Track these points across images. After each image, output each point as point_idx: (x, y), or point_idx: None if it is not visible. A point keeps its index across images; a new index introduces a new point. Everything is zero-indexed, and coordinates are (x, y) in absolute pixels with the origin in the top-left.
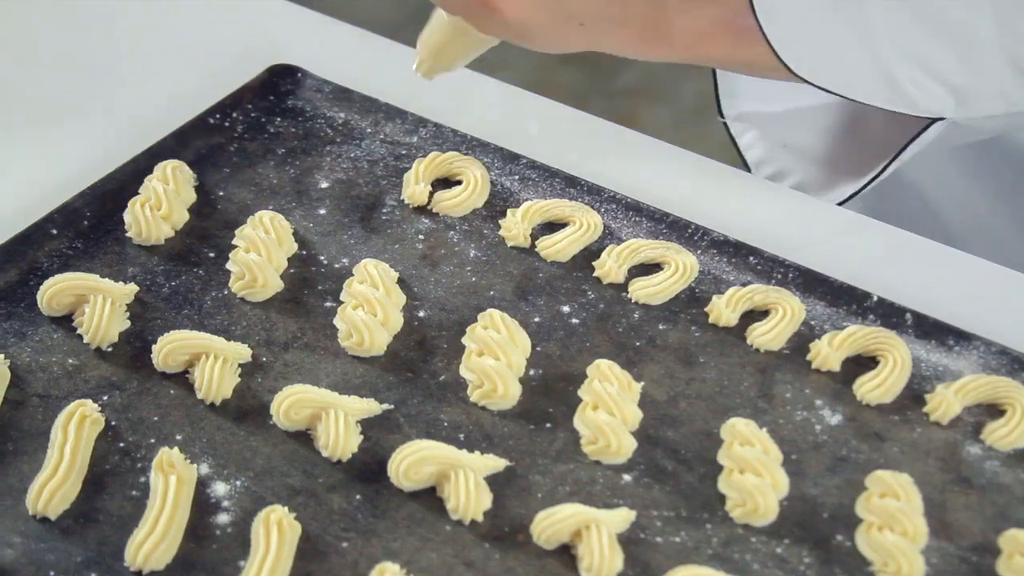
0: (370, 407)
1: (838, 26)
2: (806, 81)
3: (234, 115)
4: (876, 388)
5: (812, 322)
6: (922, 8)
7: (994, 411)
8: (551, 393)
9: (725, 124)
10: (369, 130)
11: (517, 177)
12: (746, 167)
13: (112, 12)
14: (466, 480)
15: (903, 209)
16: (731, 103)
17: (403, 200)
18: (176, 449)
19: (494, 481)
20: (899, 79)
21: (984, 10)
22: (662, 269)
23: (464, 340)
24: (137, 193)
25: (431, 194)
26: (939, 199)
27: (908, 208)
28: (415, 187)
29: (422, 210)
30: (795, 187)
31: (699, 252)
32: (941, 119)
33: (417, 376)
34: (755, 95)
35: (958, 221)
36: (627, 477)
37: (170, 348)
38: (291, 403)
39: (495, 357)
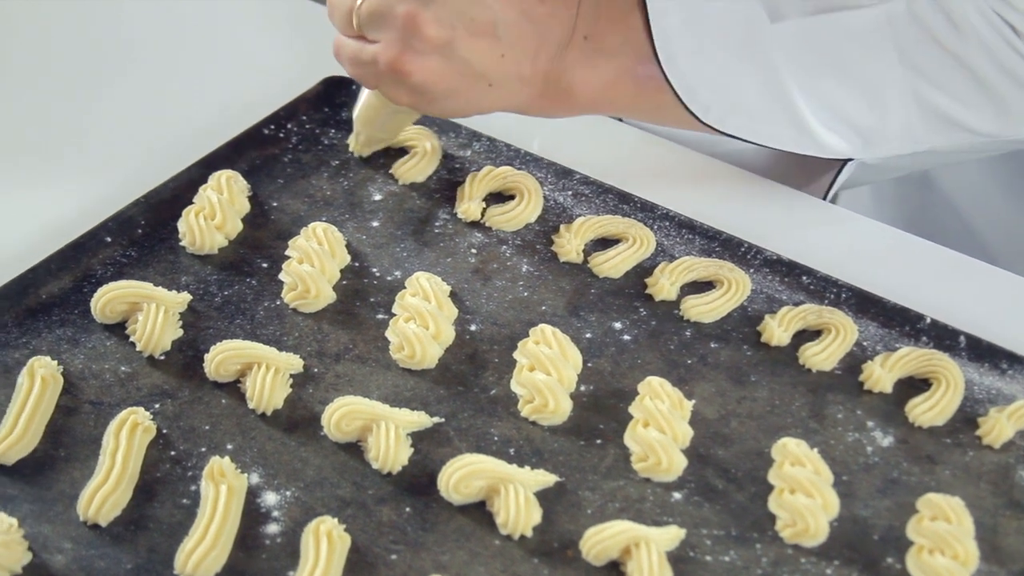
0: (420, 420)
1: (743, 72)
2: (713, 129)
3: (289, 126)
4: (929, 410)
5: (864, 343)
6: (826, 50)
7: None
8: (602, 409)
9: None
10: None
11: (570, 192)
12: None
13: (170, 23)
14: (516, 495)
15: (938, 224)
16: None
17: (456, 214)
18: (227, 458)
19: (544, 496)
20: (806, 122)
21: (887, 49)
22: (715, 287)
23: (515, 355)
24: (191, 202)
25: (484, 208)
26: (975, 213)
27: (943, 222)
28: (468, 203)
29: (475, 224)
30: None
31: (752, 271)
32: (849, 160)
33: (468, 390)
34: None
35: (994, 235)
36: (677, 495)
37: (222, 357)
38: (342, 414)
39: (546, 372)
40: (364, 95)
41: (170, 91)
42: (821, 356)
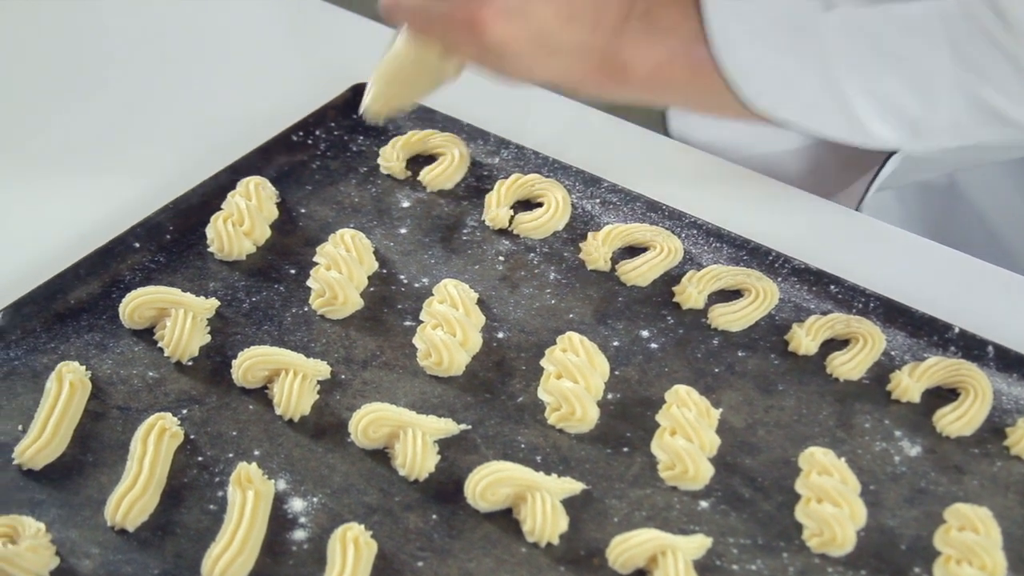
0: (448, 427)
1: (797, 62)
2: (767, 117)
3: (317, 133)
4: (956, 420)
5: (892, 352)
6: (879, 41)
7: None
8: (629, 417)
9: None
10: None
11: (598, 200)
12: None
13: (200, 31)
14: (543, 502)
15: (964, 234)
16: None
17: (484, 221)
18: (254, 464)
19: (570, 504)
20: (856, 112)
21: (939, 41)
22: (742, 296)
23: (543, 362)
24: (220, 208)
25: (512, 216)
26: (1000, 222)
27: (968, 232)
28: (496, 210)
29: (503, 231)
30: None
31: (780, 279)
32: (895, 153)
33: (495, 397)
34: (706, 143)
35: (1020, 243)
36: (704, 504)
37: (250, 363)
38: (369, 421)
39: (573, 380)
40: (393, 51)
41: (199, 98)
42: (849, 365)
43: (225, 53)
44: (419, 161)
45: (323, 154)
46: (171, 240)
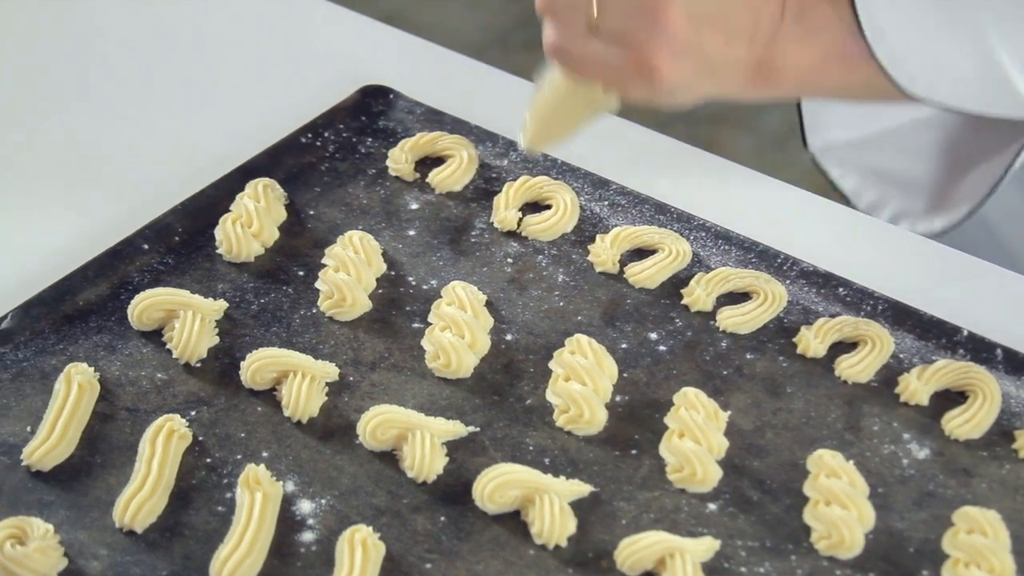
0: (456, 429)
1: (949, 38)
2: (920, 99)
3: (326, 135)
4: (965, 423)
5: (901, 355)
6: None
7: None
8: (637, 420)
9: (814, 160)
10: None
11: (607, 203)
12: (844, 198)
13: (208, 31)
14: (551, 505)
15: (967, 238)
16: (817, 136)
17: (492, 223)
18: (262, 466)
19: (579, 506)
20: (1015, 84)
21: None
22: (751, 298)
23: (551, 364)
24: (228, 210)
25: (520, 218)
26: (1002, 221)
27: (971, 235)
28: (505, 212)
29: (511, 233)
30: (894, 216)
31: (788, 282)
32: None
33: (503, 399)
34: (841, 123)
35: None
36: (712, 506)
37: (258, 365)
38: (377, 423)
39: (582, 382)
40: (547, 88)
41: (209, 99)
42: (857, 368)
43: (234, 55)
44: (428, 163)
45: (332, 156)
46: (180, 242)
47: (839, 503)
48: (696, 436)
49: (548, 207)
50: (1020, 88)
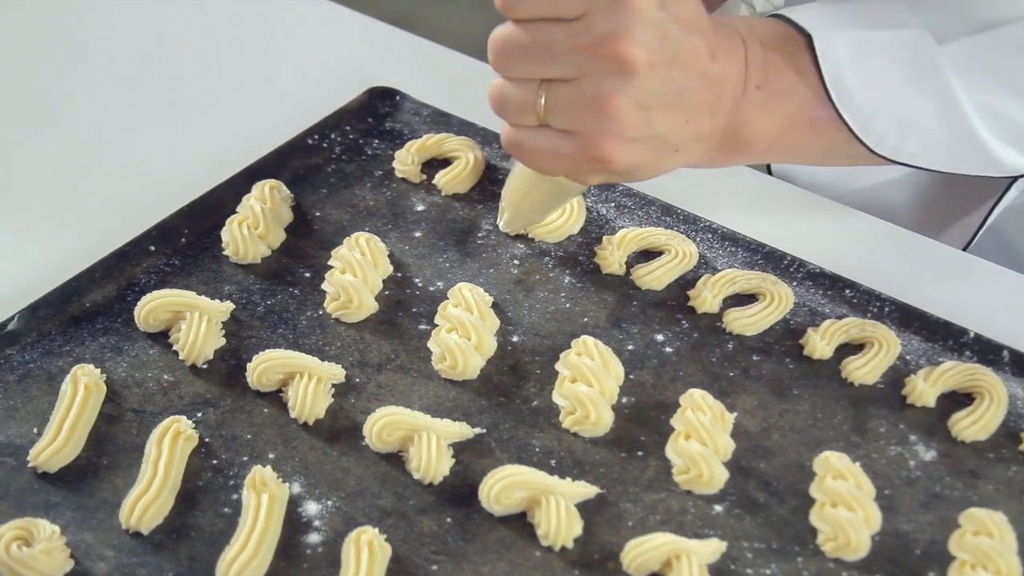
0: (462, 431)
1: (916, 98)
2: (890, 160)
3: (332, 136)
4: (972, 425)
5: (907, 357)
6: (996, 65)
7: None
8: (643, 421)
9: None
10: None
11: (613, 204)
12: None
13: (214, 33)
14: (557, 506)
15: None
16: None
17: (499, 224)
18: (269, 467)
19: (585, 508)
20: (983, 141)
21: None
22: (757, 300)
23: (557, 366)
24: (235, 212)
25: None
26: (1008, 224)
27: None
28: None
29: (517, 235)
30: None
31: (795, 284)
32: (1016, 180)
33: (510, 401)
34: (809, 185)
35: None
36: (718, 508)
37: (265, 367)
38: (383, 425)
39: (588, 384)
40: (518, 176)
41: (215, 101)
42: (864, 370)
43: (241, 57)
44: (434, 165)
45: (338, 158)
46: (186, 243)
47: (845, 505)
48: (702, 438)
49: None
50: (989, 146)
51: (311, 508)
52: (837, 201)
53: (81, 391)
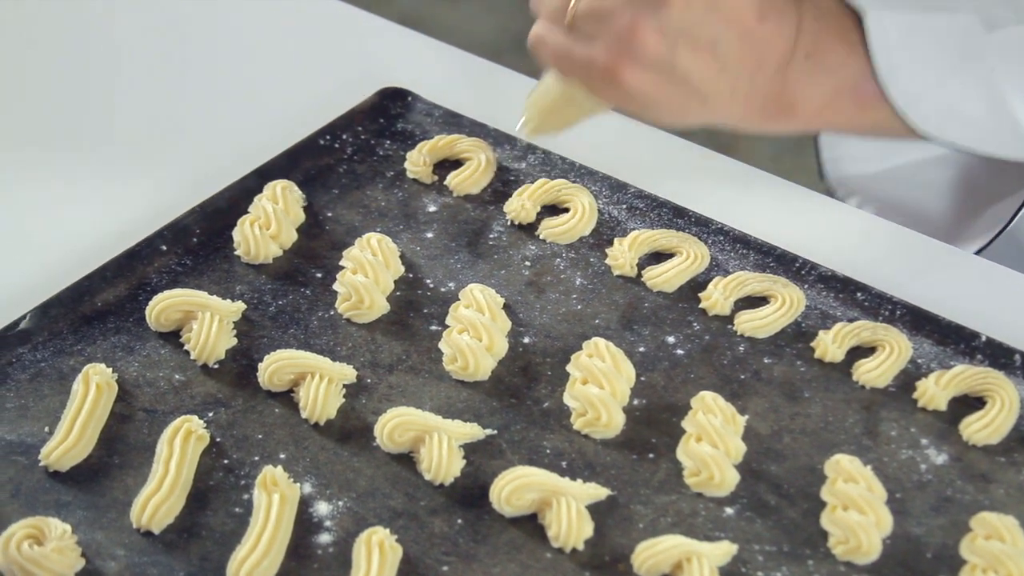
0: (473, 432)
1: (961, 82)
2: (933, 139)
3: (344, 137)
4: (983, 429)
5: (919, 360)
6: None
7: None
8: (654, 423)
9: (830, 191)
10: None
11: (624, 206)
12: None
13: (227, 33)
14: (568, 508)
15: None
16: (834, 168)
17: (510, 224)
18: (280, 467)
19: (596, 510)
20: None
21: None
22: (768, 302)
23: (568, 368)
24: (246, 212)
25: (538, 220)
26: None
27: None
28: (519, 200)
29: (529, 236)
30: None
31: (806, 286)
32: None
33: (521, 402)
34: (858, 156)
35: None
36: (729, 510)
37: (276, 367)
38: (395, 425)
39: (599, 386)
40: (546, 82)
41: (227, 101)
42: (875, 373)
43: (253, 57)
44: (446, 166)
45: (350, 158)
46: (198, 243)
47: (857, 508)
48: (713, 440)
49: (566, 210)
50: None
51: (322, 508)
52: (880, 176)
53: (92, 390)
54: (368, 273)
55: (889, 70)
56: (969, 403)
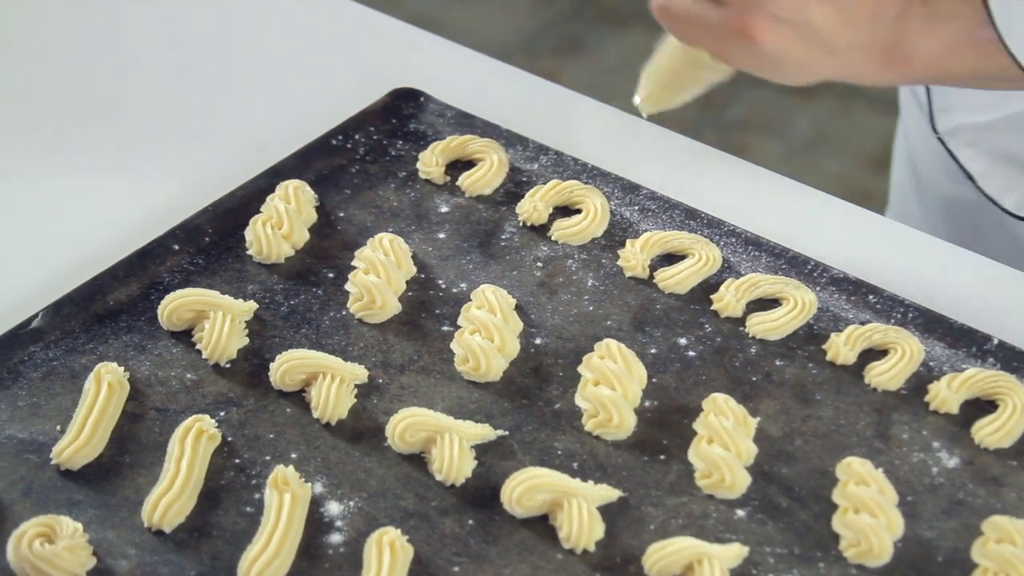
0: (484, 432)
1: None
2: None
3: (356, 137)
4: (995, 432)
5: (931, 363)
6: None
7: None
8: (666, 425)
9: (941, 140)
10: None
11: (637, 208)
12: (971, 180)
13: (240, 33)
14: (579, 509)
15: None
16: (945, 117)
17: (522, 225)
18: (291, 467)
19: (607, 511)
20: None
21: None
22: (780, 305)
23: (580, 369)
24: (259, 211)
25: (551, 221)
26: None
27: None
28: (531, 202)
29: (541, 237)
30: (1021, 201)
31: (818, 289)
32: None
33: (532, 403)
34: (970, 106)
35: None
36: (740, 512)
37: (288, 367)
38: (406, 426)
39: (611, 387)
40: (664, 51)
41: (239, 101)
42: (887, 376)
43: (265, 57)
44: (458, 166)
45: (362, 158)
46: (210, 243)
47: (868, 511)
48: (725, 442)
49: (578, 211)
50: None
51: (333, 508)
52: (994, 125)
53: (104, 389)
54: (380, 273)
55: (1006, 16)
56: (981, 406)
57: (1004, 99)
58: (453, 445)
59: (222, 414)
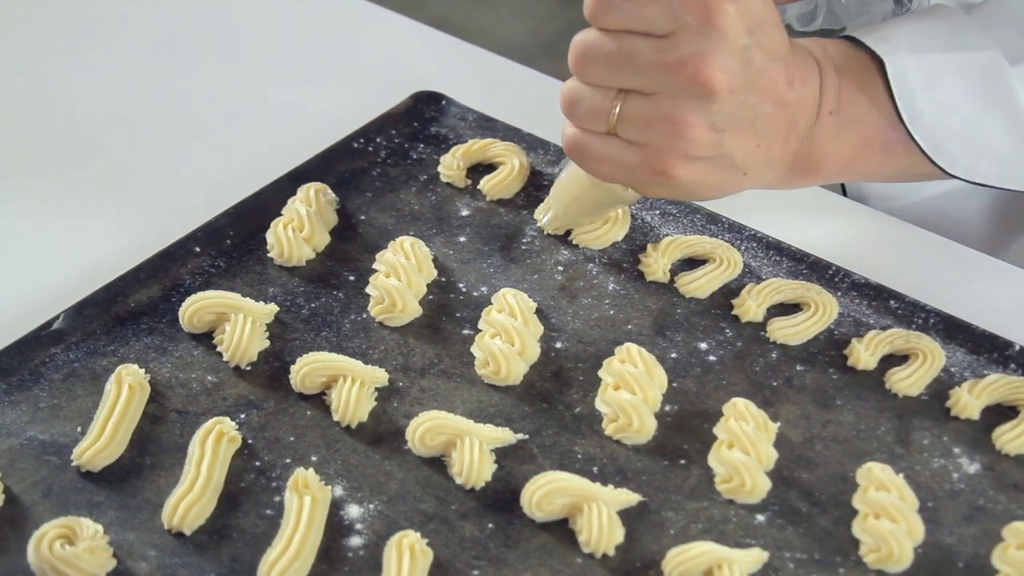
0: (505, 436)
1: (989, 121)
2: (963, 180)
3: (378, 140)
4: (1016, 438)
5: (952, 369)
6: None
7: None
8: (686, 429)
9: None
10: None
11: (658, 212)
12: None
13: (259, 35)
14: (599, 513)
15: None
16: (858, 197)
17: (543, 230)
18: (311, 470)
19: (627, 515)
20: None
21: None
22: (801, 310)
23: (600, 373)
24: (280, 214)
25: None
26: None
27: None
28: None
29: (562, 241)
30: None
31: (839, 294)
32: None
33: (552, 407)
34: (885, 195)
35: None
36: (760, 517)
37: (308, 369)
38: (426, 429)
39: (631, 391)
40: (569, 177)
41: (261, 103)
42: (908, 381)
43: (287, 60)
44: (479, 170)
45: (383, 161)
46: (231, 245)
47: (888, 516)
48: (745, 447)
49: None
50: None
51: (353, 511)
52: (909, 210)
53: (125, 391)
54: (401, 276)
55: (914, 115)
56: (1002, 412)
57: (919, 185)
58: (473, 449)
59: (242, 416)
